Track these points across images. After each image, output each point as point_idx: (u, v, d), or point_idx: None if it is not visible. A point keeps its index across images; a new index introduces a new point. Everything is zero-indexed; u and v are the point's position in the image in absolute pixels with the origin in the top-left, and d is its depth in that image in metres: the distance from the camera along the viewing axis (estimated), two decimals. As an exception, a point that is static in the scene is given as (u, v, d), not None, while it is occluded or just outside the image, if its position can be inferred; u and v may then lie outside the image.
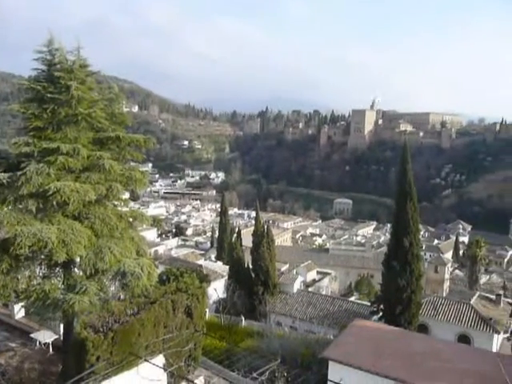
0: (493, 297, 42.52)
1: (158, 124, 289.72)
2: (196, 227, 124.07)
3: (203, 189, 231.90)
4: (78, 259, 12.16)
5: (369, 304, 34.17)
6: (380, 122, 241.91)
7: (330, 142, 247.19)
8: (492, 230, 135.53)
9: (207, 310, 32.19)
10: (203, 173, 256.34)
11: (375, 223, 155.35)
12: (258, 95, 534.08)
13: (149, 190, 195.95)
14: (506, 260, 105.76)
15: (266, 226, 40.62)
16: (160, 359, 11.52)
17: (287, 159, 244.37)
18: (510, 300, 40.91)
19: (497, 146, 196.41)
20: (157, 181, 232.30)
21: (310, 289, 43.78)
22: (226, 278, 39.01)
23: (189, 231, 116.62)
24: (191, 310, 13.24)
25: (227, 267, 41.63)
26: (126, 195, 15.12)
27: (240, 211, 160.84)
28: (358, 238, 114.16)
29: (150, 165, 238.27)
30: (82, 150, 11.87)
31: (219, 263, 49.90)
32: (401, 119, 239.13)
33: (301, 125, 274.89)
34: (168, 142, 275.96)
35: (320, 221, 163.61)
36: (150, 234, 71.71)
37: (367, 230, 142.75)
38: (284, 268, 49.28)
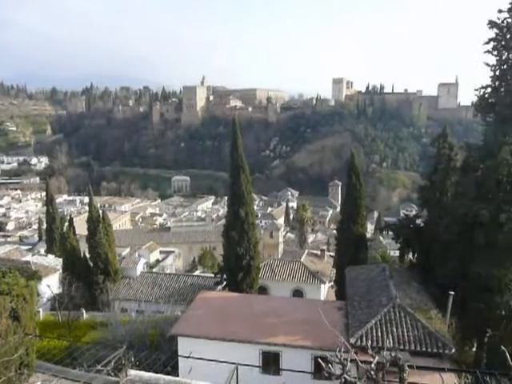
0: (318, 252, 48.39)
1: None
2: (19, 220, 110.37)
3: (23, 177, 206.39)
4: None
5: (213, 275, 35.40)
6: (211, 98, 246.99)
7: (163, 119, 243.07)
8: (315, 193, 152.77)
9: (40, 309, 29.34)
10: (22, 158, 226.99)
11: (214, 197, 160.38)
12: (79, 71, 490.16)
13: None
14: (327, 219, 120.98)
15: (101, 211, 38.36)
16: (-17, 375, 10.02)
17: (119, 139, 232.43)
18: (331, 253, 46.93)
19: (314, 119, 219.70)
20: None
21: (154, 269, 43.28)
22: (61, 271, 35.88)
23: (10, 225, 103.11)
24: (18, 312, 11.74)
25: (60, 260, 38.27)
26: None
27: (71, 198, 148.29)
28: (199, 214, 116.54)
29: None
30: None
31: (51, 257, 45.46)
32: (230, 95, 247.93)
33: (131, 102, 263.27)
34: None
35: (159, 200, 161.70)
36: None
37: (206, 204, 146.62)
38: (125, 252, 47.62)
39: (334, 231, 50.23)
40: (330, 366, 5.26)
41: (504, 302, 19.99)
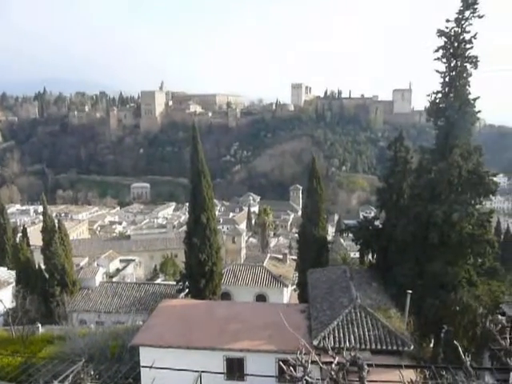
0: (280, 256, 48.72)
1: None
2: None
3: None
4: None
5: (175, 283, 34.91)
6: (170, 103, 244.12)
7: (121, 125, 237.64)
8: (276, 198, 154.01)
9: (-8, 325, 27.92)
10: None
11: (174, 204, 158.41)
12: (30, 76, 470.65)
13: None
14: (289, 223, 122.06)
15: (57, 220, 37.03)
16: None
17: (75, 145, 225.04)
18: (294, 257, 47.33)
19: (274, 124, 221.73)
20: None
21: (114, 279, 42.19)
22: (14, 284, 34.31)
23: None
24: (-34, 330, 11.16)
25: (13, 272, 36.60)
26: None
27: (24, 207, 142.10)
28: (159, 221, 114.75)
29: None
30: None
31: (2, 269, 43.25)
32: (190, 100, 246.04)
33: (87, 108, 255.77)
34: None
35: (118, 208, 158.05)
36: None
37: (167, 211, 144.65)
38: (83, 262, 46.17)
39: (296, 235, 50.65)
40: (291, 368, 5.30)
41: (458, 299, 20.86)
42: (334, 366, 5.43)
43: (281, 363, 5.25)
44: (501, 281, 23.26)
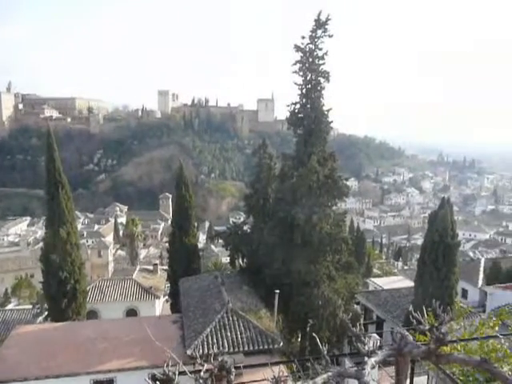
0: (151, 267, 47.30)
1: None
2: None
3: None
4: None
5: (31, 307, 31.39)
6: (21, 106, 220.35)
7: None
8: (145, 207, 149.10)
9: None
10: None
11: (29, 218, 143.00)
12: None
13: None
14: (159, 232, 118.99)
15: None
16: None
17: None
18: (165, 267, 46.30)
19: (141, 131, 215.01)
20: None
21: (-48, 309, 36.25)
22: None
23: None
24: None
25: None
26: None
27: None
28: (11, 238, 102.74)
29: None
30: None
31: None
32: (45, 104, 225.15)
33: None
34: None
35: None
36: None
37: (20, 226, 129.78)
38: None
39: (167, 244, 49.66)
40: (157, 383, 5.09)
41: (320, 293, 22.54)
42: (202, 373, 5.35)
43: (146, 379, 4.99)
44: (355, 274, 25.86)
